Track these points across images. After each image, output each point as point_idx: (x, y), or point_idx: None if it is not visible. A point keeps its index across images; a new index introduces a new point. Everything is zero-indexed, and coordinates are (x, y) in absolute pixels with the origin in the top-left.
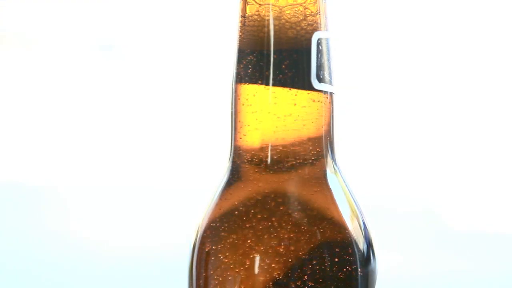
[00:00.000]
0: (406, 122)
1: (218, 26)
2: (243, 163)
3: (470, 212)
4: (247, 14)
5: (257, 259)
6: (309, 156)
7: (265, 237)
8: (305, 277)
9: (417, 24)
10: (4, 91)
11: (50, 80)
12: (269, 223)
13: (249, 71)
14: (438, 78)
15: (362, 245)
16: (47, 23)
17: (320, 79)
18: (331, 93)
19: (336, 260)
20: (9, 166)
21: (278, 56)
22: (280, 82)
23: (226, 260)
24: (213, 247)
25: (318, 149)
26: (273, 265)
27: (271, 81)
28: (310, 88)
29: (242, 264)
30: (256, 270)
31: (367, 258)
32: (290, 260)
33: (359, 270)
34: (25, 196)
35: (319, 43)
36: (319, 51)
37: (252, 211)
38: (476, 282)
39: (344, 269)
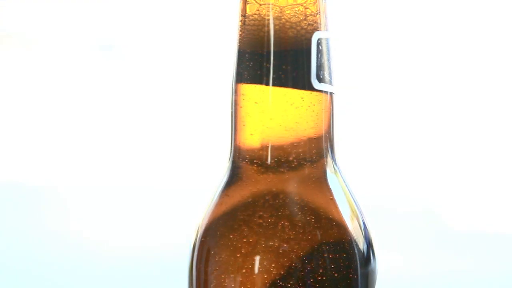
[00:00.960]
0: (406, 122)
1: (218, 26)
2: (243, 163)
3: (470, 212)
4: (247, 14)
5: (257, 259)
6: (309, 156)
7: (265, 237)
8: (305, 277)
9: (417, 24)
10: (4, 91)
11: (50, 80)
12: (269, 223)
13: (249, 71)
14: (438, 78)
15: (362, 245)
16: (47, 23)
17: (320, 79)
18: (331, 93)
19: (336, 260)
20: (9, 166)
21: (278, 56)
22: (280, 82)
23: (226, 260)
24: (213, 247)
25: (318, 149)
26: (273, 265)
27: (271, 81)
28: (310, 88)
29: (242, 264)
30: (256, 270)
31: (367, 258)
32: (290, 260)
33: (359, 270)
34: (25, 196)
35: (319, 43)
36: (319, 51)
37: (252, 211)
38: (476, 282)
39: (344, 269)
